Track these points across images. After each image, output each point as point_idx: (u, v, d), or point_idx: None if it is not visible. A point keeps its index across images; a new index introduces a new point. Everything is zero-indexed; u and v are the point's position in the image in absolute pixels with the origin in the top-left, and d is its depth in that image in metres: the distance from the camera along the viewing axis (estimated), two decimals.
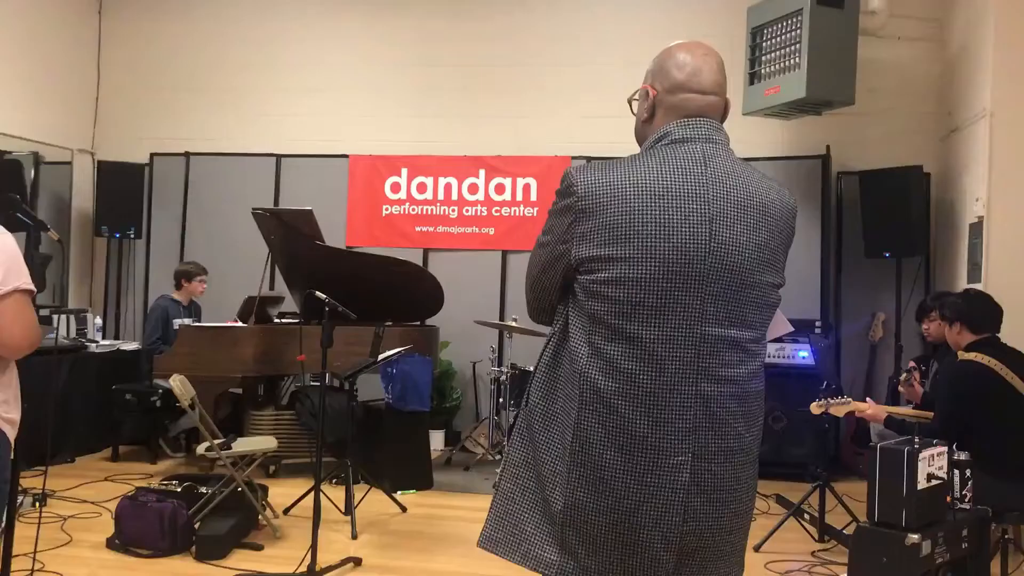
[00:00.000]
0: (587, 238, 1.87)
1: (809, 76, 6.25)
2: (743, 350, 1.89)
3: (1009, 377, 4.03)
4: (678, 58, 1.97)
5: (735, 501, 1.91)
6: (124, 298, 8.32)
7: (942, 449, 3.48)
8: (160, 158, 8.30)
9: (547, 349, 1.99)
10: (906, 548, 3.27)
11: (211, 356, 6.06)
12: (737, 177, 1.90)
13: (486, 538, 2.02)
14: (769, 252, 1.91)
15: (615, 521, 1.85)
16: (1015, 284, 6.07)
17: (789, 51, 6.45)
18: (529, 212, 7.72)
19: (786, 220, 1.96)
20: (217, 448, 4.73)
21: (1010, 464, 4.00)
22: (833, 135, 7.33)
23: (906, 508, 3.31)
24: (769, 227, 1.91)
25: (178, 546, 4.46)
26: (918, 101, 7.33)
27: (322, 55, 8.16)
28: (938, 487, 3.44)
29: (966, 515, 3.62)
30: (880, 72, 7.36)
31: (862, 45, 7.13)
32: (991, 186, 6.20)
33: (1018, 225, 6.13)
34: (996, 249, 6.16)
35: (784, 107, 6.56)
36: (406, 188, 7.91)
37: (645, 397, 1.84)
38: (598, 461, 1.85)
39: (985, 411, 4.02)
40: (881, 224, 6.74)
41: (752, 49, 6.80)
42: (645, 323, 1.83)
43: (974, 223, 6.40)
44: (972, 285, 6.33)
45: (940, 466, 3.46)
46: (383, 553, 4.67)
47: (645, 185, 1.86)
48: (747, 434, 1.92)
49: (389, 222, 7.91)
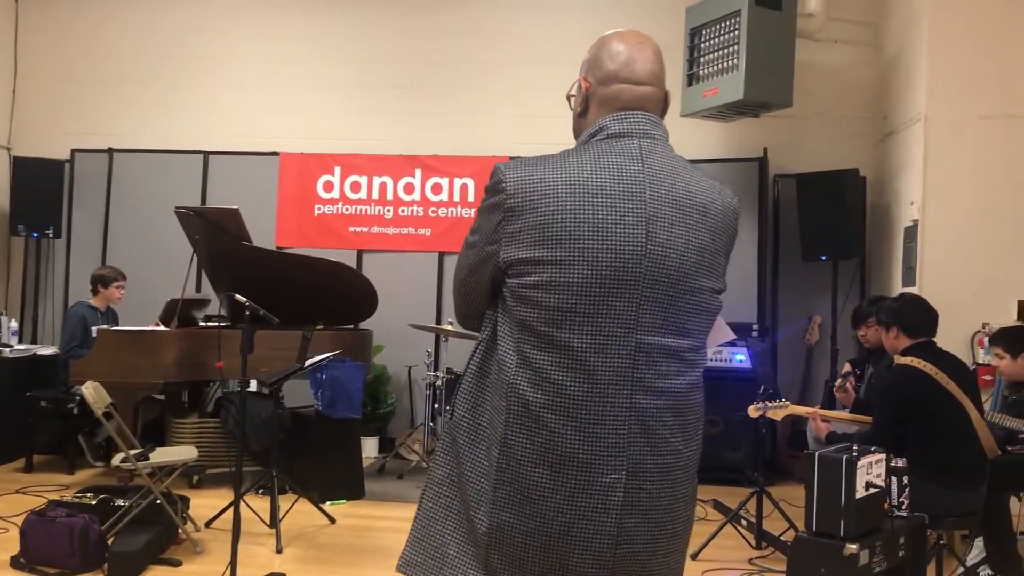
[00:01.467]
0: (516, 239, 1.73)
1: (747, 78, 6.21)
2: (681, 360, 1.77)
3: (944, 381, 4.00)
4: (611, 47, 1.85)
5: (673, 521, 1.79)
6: (42, 300, 7.95)
7: (880, 456, 3.42)
8: (81, 154, 7.96)
9: (474, 357, 1.84)
10: (844, 559, 3.20)
11: (131, 361, 5.78)
12: (676, 175, 1.78)
13: (405, 561, 1.86)
14: (710, 255, 1.79)
15: (543, 544, 1.71)
16: (949, 287, 6.11)
17: (727, 52, 6.41)
18: (466, 213, 7.57)
19: (728, 222, 1.84)
20: (133, 459, 4.48)
21: (946, 470, 3.97)
22: (771, 138, 7.33)
23: (844, 518, 3.24)
24: (710, 229, 1.79)
25: (89, 563, 4.20)
26: (855, 104, 7.36)
27: (252, 49, 7.91)
28: (876, 495, 3.38)
29: (904, 522, 3.56)
30: (818, 75, 7.39)
31: (800, 48, 7.13)
32: (925, 190, 6.23)
33: (952, 229, 6.17)
34: (930, 252, 6.19)
35: (722, 109, 6.52)
36: (339, 187, 7.70)
37: (576, 410, 1.70)
38: (525, 479, 1.71)
39: (922, 416, 3.98)
40: (817, 227, 6.74)
41: (691, 50, 6.75)
42: (577, 331, 1.70)
43: (909, 226, 6.43)
44: (907, 288, 6.37)
45: (878, 473, 3.40)
46: (309, 567, 4.47)
47: (578, 182, 1.73)
48: (685, 449, 1.80)
49: (321, 222, 7.69)
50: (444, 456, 1.87)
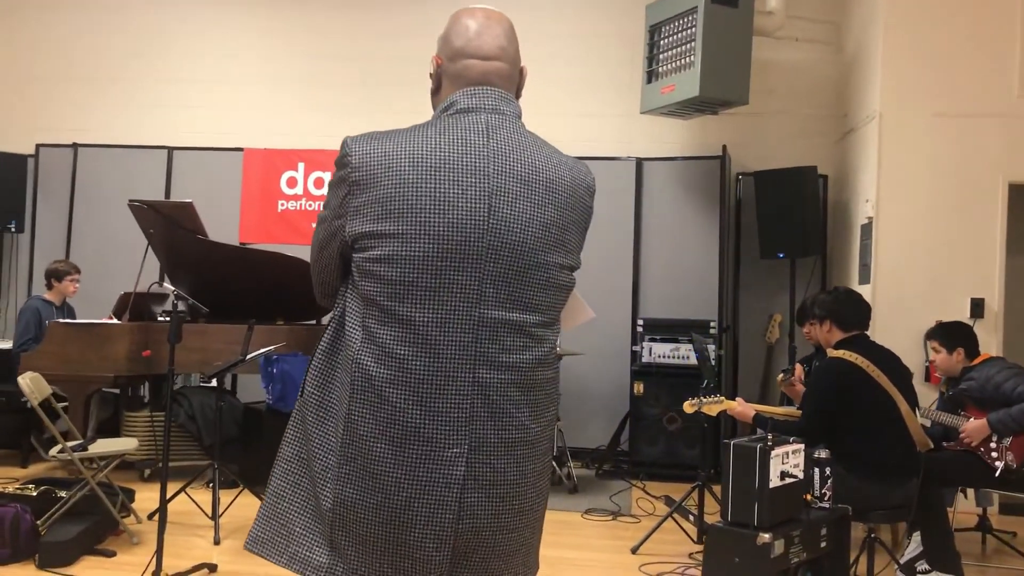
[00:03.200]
0: (360, 212, 1.73)
1: (703, 74, 6.22)
2: (527, 335, 1.77)
3: (876, 375, 3.99)
4: (460, 23, 1.86)
5: (518, 497, 1.78)
6: (5, 295, 7.94)
7: (798, 446, 3.42)
8: (46, 149, 7.95)
9: (326, 334, 1.84)
10: (757, 548, 3.20)
11: (80, 354, 5.77)
12: (523, 151, 1.78)
13: (252, 539, 1.86)
14: (557, 231, 1.79)
15: (385, 519, 1.71)
16: (903, 285, 6.13)
17: (684, 49, 6.41)
18: None
19: (579, 198, 1.84)
20: (69, 449, 4.47)
21: (875, 463, 3.96)
22: (734, 136, 7.33)
23: (758, 506, 3.24)
24: (558, 204, 1.79)
25: (20, 553, 4.19)
26: (817, 102, 7.37)
27: (217, 45, 7.91)
28: (793, 485, 3.38)
29: (825, 514, 3.56)
30: (780, 73, 7.40)
31: (761, 46, 7.14)
32: (880, 187, 6.24)
33: (906, 226, 6.18)
34: (884, 250, 6.20)
35: (679, 106, 6.52)
36: (303, 183, 7.69)
37: (418, 385, 1.70)
38: (368, 455, 1.71)
39: (851, 409, 3.98)
40: (775, 224, 6.73)
41: (650, 47, 6.76)
42: (419, 305, 1.70)
43: (864, 224, 6.43)
44: (862, 287, 6.37)
45: (796, 464, 3.39)
46: (244, 559, 4.45)
47: (421, 156, 1.73)
48: (534, 425, 1.79)
49: (285, 218, 7.69)
50: (293, 433, 1.87)
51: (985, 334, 6.03)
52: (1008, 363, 4.58)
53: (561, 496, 6.01)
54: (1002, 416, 4.32)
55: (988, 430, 4.35)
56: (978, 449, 4.40)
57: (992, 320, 6.06)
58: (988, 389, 4.44)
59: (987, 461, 4.35)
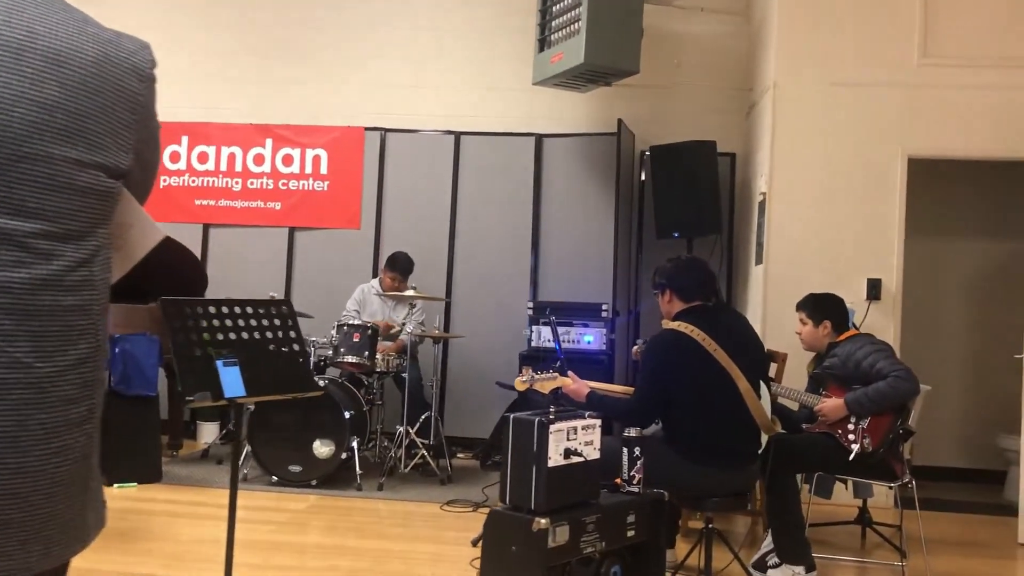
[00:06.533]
0: None
1: (588, 42, 5.85)
2: (20, 247, 1.38)
3: (713, 349, 3.61)
4: None
5: (16, 453, 1.40)
6: None
7: (592, 422, 3.05)
8: None
9: None
10: (533, 535, 2.83)
11: None
12: (20, 13, 1.40)
13: None
14: (67, 117, 1.40)
15: None
16: (796, 264, 5.79)
17: (572, 16, 6.05)
18: (319, 186, 7.18)
19: (111, 80, 1.46)
20: None
21: (710, 445, 3.59)
22: (641, 112, 6.99)
23: (535, 488, 2.87)
24: (67, 84, 1.41)
25: None
26: (725, 76, 7.02)
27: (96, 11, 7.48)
28: (583, 465, 3.01)
29: (633, 499, 3.20)
30: (688, 46, 7.05)
31: (670, 18, 6.84)
32: (773, 162, 5.90)
33: (799, 203, 5.85)
34: (777, 228, 5.87)
35: (569, 75, 6.15)
36: (186, 158, 7.29)
37: None
38: None
39: (683, 385, 3.60)
40: (672, 203, 6.37)
41: (542, 14, 6.40)
42: None
43: (760, 200, 6.09)
44: (757, 266, 6.04)
45: (588, 441, 3.03)
46: None
47: None
48: (39, 364, 1.41)
49: (167, 195, 7.28)
50: None
51: (882, 316, 5.72)
52: (874, 340, 4.23)
53: (430, 487, 5.63)
54: (859, 396, 3.98)
55: (845, 410, 4.00)
56: (836, 431, 4.05)
57: (890, 302, 5.73)
58: (849, 367, 4.10)
59: (843, 444, 4.00)
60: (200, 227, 7.23)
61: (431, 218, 7.09)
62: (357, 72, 7.25)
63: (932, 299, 6.76)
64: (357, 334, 5.71)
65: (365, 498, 5.32)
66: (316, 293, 7.02)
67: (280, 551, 4.22)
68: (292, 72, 7.30)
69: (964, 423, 6.79)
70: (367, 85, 7.24)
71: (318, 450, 5.42)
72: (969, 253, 6.84)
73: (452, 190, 7.11)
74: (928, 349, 6.61)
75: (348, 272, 6.95)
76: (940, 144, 5.76)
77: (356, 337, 5.69)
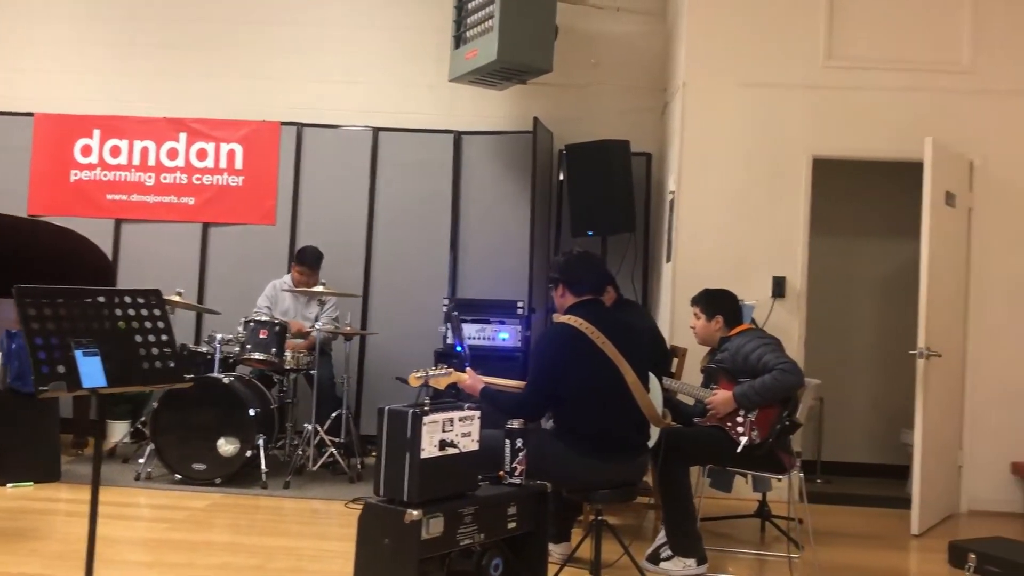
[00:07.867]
0: None
1: (500, 38, 5.86)
2: None
3: (601, 341, 3.64)
4: None
5: None
6: None
7: (471, 414, 3.06)
8: None
9: None
10: (405, 527, 2.82)
11: None
12: None
13: None
14: None
15: None
16: (703, 263, 5.87)
17: (486, 13, 6.06)
18: (234, 181, 7.09)
19: None
20: None
21: (597, 437, 3.62)
22: (559, 111, 7.02)
23: (408, 480, 2.87)
24: None
25: None
26: (642, 75, 7.08)
27: (5, 3, 7.31)
28: (460, 457, 3.02)
29: (513, 491, 3.21)
30: (606, 45, 7.10)
31: (587, 17, 6.90)
32: (682, 161, 5.98)
33: (706, 201, 5.93)
34: (684, 226, 5.95)
35: (482, 72, 6.16)
36: (98, 152, 7.15)
37: None
38: None
39: (571, 377, 3.62)
40: (586, 201, 6.41)
41: (458, 10, 6.40)
42: None
43: (671, 199, 6.16)
44: (668, 264, 6.11)
45: (465, 432, 3.03)
46: None
47: None
48: None
49: (79, 189, 7.13)
50: None
51: (787, 314, 5.83)
52: (763, 334, 4.31)
53: (339, 485, 5.59)
54: (746, 389, 4.04)
55: (733, 403, 4.06)
56: (725, 424, 4.11)
57: (794, 299, 5.83)
58: (738, 361, 4.17)
59: (732, 436, 4.07)
60: (112, 222, 7.09)
61: (349, 215, 7.05)
62: (275, 66, 7.17)
63: (837, 297, 6.90)
64: (264, 331, 5.65)
65: (270, 496, 5.26)
66: (230, 289, 6.93)
67: (173, 549, 4.15)
68: (208, 66, 7.20)
69: (870, 419, 6.94)
70: (284, 80, 7.17)
71: (222, 448, 5.35)
72: (874, 252, 7.00)
73: (370, 186, 7.08)
74: (833, 346, 6.75)
75: (263, 268, 6.86)
76: (844, 145, 5.89)
77: (263, 334, 5.63)
